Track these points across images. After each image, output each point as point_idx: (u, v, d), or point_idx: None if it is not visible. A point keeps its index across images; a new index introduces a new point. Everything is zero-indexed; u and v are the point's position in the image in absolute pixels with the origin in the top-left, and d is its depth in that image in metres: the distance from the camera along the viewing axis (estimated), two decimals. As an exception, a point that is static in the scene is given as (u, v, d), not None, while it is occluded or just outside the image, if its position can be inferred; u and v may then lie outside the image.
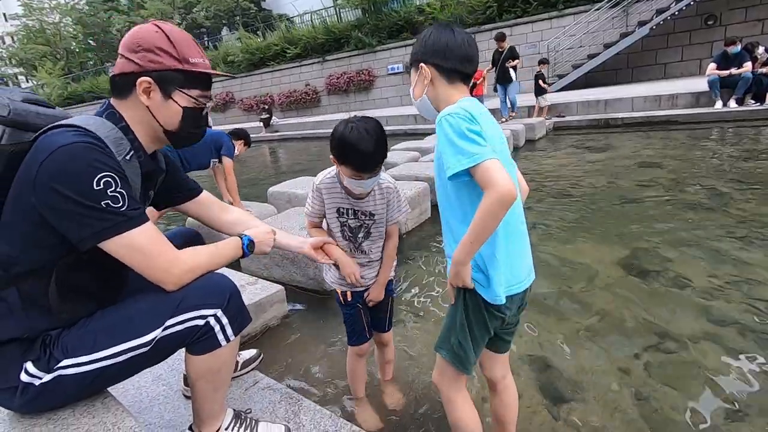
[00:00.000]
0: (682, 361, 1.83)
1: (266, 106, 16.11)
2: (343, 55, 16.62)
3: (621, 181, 4.55)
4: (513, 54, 8.38)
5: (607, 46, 11.38)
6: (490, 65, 8.80)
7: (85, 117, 1.07)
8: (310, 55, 17.56)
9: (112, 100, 1.13)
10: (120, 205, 0.98)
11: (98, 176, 0.95)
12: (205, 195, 1.47)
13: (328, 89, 17.20)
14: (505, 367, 1.34)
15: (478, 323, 1.15)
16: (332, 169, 1.43)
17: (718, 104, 7.42)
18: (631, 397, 1.66)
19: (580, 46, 12.09)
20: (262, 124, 15.14)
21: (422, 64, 1.13)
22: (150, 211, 1.75)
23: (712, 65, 7.46)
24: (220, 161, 4.08)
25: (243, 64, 19.25)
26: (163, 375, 1.77)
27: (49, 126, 1.01)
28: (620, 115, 8.18)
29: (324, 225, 1.56)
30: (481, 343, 1.19)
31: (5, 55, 36.51)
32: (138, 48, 1.07)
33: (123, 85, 1.10)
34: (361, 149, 1.23)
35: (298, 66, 17.83)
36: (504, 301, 1.09)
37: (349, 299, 1.54)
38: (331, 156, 1.32)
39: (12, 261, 1.00)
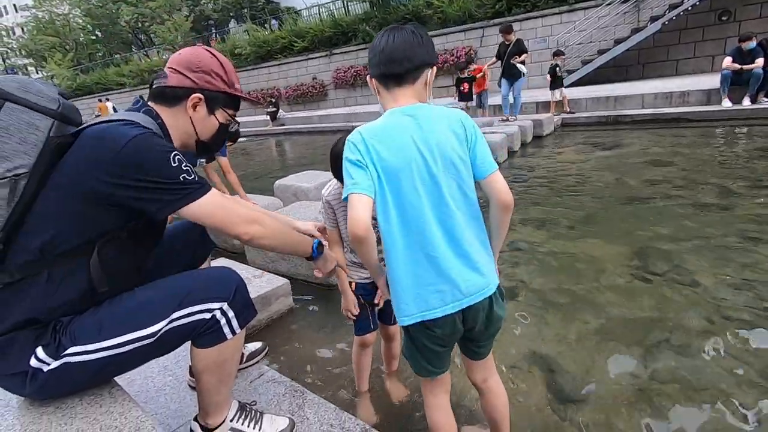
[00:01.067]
0: (690, 361, 1.82)
1: (273, 100, 16.10)
2: (351, 48, 16.54)
3: (629, 179, 4.50)
4: (520, 48, 7.59)
5: (617, 42, 11.23)
6: (495, 59, 8.19)
7: (126, 113, 1.14)
8: (317, 48, 17.50)
9: (152, 104, 1.22)
10: (193, 176, 1.09)
11: (171, 156, 1.05)
12: None
13: (335, 83, 17.14)
14: (485, 371, 1.30)
15: (413, 335, 1.16)
16: (334, 183, 1.49)
17: (726, 102, 7.28)
18: (638, 397, 1.65)
19: (590, 42, 11.93)
20: (268, 117, 15.15)
21: (368, 78, 1.19)
22: None
23: (728, 59, 7.31)
24: (207, 160, 4.16)
25: (250, 57, 19.24)
26: (169, 366, 1.79)
27: (101, 120, 1.09)
28: (630, 111, 8.09)
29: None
30: (427, 353, 1.16)
31: (15, 46, 36.76)
32: (197, 68, 1.22)
33: (173, 96, 1.22)
34: None
35: (305, 59, 17.78)
36: (406, 323, 1.10)
37: (353, 289, 1.55)
38: None
39: (53, 245, 1.01)
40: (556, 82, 8.66)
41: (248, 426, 1.31)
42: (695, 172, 4.48)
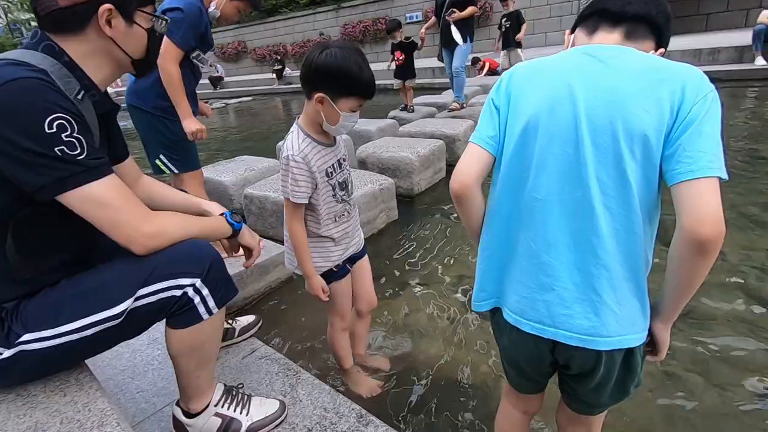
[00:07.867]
0: (712, 339, 1.68)
1: (279, 57, 15.59)
2: (360, 2, 15.75)
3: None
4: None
5: (644, -6, 10.46)
6: (433, 17, 5.48)
7: (19, 51, 0.91)
8: (324, 1, 16.69)
9: (52, 37, 0.94)
10: (77, 152, 0.85)
11: (50, 118, 0.82)
12: (130, 160, 1.25)
13: (343, 39, 16.47)
14: (578, 428, 0.96)
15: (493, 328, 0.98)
16: (296, 136, 1.25)
17: (759, 60, 6.75)
18: (653, 381, 1.53)
19: (615, -6, 11.15)
20: (274, 75, 14.72)
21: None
22: None
23: (766, 12, 6.73)
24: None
25: (255, 12, 18.48)
26: (159, 338, 1.70)
27: None
28: (654, 70, 7.60)
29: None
30: (505, 361, 0.98)
31: (16, 1, 35.84)
32: None
33: (75, 19, 0.93)
34: (366, 73, 1.14)
35: (312, 14, 17.02)
36: (478, 309, 0.92)
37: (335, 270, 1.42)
38: (321, 94, 1.17)
39: None
40: (506, 40, 6.51)
41: (234, 410, 1.21)
42: (724, 137, 4.18)
